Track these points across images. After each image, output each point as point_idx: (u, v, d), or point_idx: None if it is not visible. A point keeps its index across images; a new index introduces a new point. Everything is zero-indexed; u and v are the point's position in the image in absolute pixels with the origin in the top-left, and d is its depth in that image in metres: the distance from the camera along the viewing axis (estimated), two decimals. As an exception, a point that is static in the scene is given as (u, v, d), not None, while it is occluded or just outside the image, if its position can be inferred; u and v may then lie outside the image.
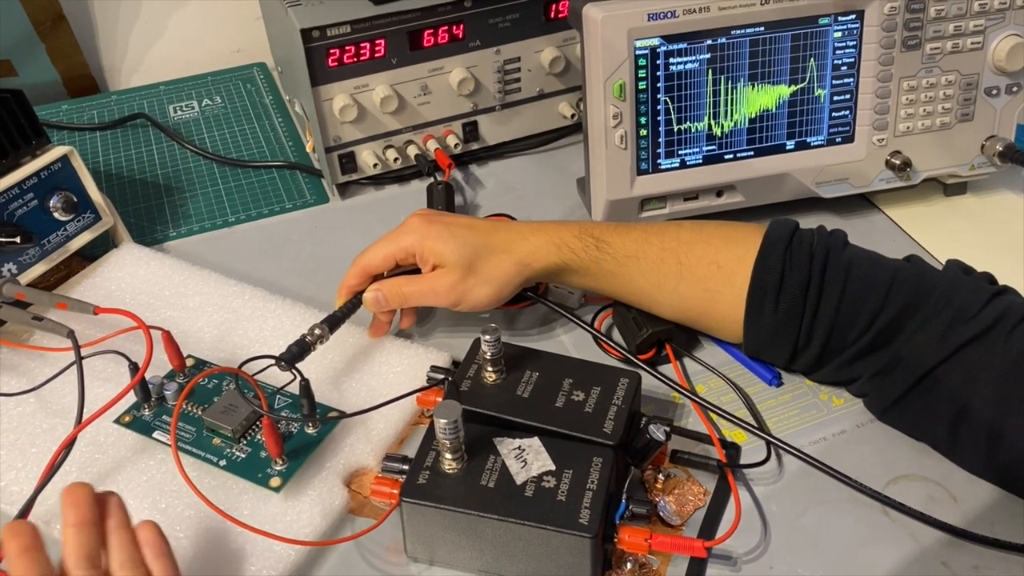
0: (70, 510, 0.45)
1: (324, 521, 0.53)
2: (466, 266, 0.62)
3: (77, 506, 0.45)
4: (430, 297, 0.64)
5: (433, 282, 0.63)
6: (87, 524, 0.45)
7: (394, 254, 0.64)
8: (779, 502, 0.56)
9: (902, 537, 0.54)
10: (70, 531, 0.44)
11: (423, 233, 0.63)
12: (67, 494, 0.45)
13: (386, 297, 0.63)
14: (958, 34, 0.70)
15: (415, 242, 0.63)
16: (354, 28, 0.75)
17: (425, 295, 0.64)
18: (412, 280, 0.64)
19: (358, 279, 0.64)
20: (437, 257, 0.62)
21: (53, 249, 0.69)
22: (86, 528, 0.44)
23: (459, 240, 0.62)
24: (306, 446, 0.56)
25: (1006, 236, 0.75)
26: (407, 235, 0.63)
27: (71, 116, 0.97)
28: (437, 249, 0.62)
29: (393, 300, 0.64)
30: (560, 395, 0.56)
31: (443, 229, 0.63)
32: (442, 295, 0.63)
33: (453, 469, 0.51)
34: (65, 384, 0.60)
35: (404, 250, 0.63)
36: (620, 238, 0.63)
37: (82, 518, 0.45)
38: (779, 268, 0.59)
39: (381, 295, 0.63)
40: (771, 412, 0.62)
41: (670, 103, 0.70)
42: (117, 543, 0.45)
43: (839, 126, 0.73)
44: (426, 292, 0.63)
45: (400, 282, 0.64)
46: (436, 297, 0.63)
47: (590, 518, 0.48)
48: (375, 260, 0.64)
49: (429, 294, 0.63)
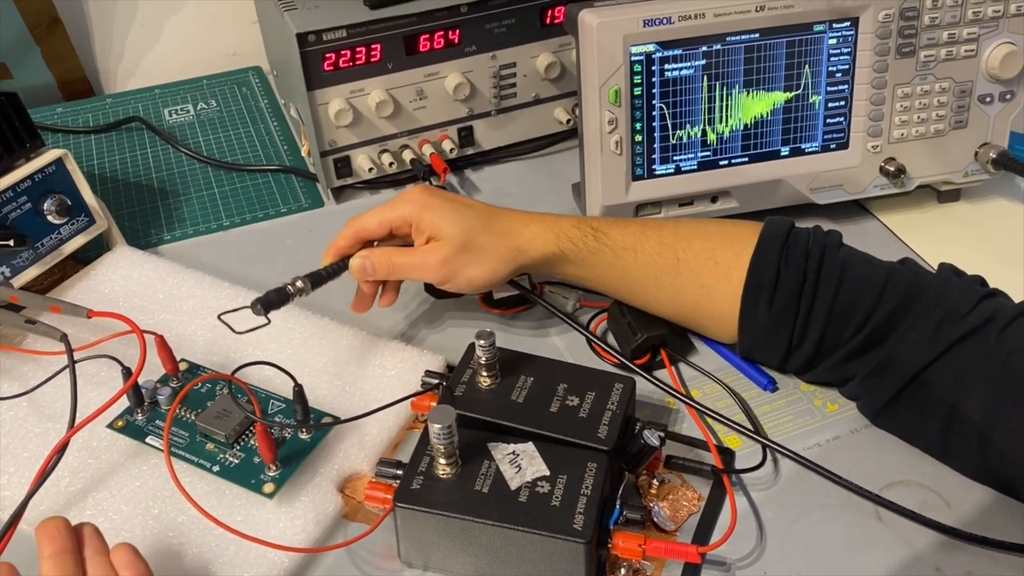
0: (46, 542, 0.45)
1: (317, 527, 0.53)
2: (462, 243, 0.61)
3: (53, 538, 0.45)
4: (420, 270, 0.62)
5: (425, 255, 0.61)
6: (64, 553, 0.45)
7: (390, 221, 0.62)
8: (773, 507, 0.56)
9: (896, 542, 0.54)
10: (47, 562, 0.44)
11: (423, 204, 0.62)
12: (42, 528, 0.45)
13: (374, 265, 0.62)
14: (952, 42, 0.71)
15: (413, 212, 0.61)
16: (350, 32, 0.75)
17: (416, 267, 0.62)
18: (404, 251, 0.62)
19: (348, 241, 0.63)
20: (434, 229, 0.61)
21: (47, 252, 0.69)
22: (63, 557, 0.44)
23: (458, 216, 0.61)
24: (299, 452, 0.56)
25: (1000, 243, 0.75)
26: (406, 204, 0.62)
27: (65, 119, 0.97)
28: (435, 221, 0.61)
29: (381, 269, 0.62)
30: (555, 400, 0.56)
31: (443, 203, 0.62)
32: (433, 269, 0.61)
33: (447, 474, 0.51)
34: (58, 388, 0.59)
35: (401, 218, 0.62)
36: (619, 230, 0.63)
37: (59, 548, 0.45)
38: (775, 266, 0.59)
39: (369, 263, 0.62)
40: (766, 417, 0.62)
41: (665, 109, 0.70)
42: (95, 569, 0.45)
43: (834, 132, 0.73)
44: (417, 264, 0.62)
45: (391, 252, 0.62)
46: (426, 270, 0.62)
47: (584, 523, 0.48)
48: (370, 225, 0.62)
49: (420, 266, 0.62)
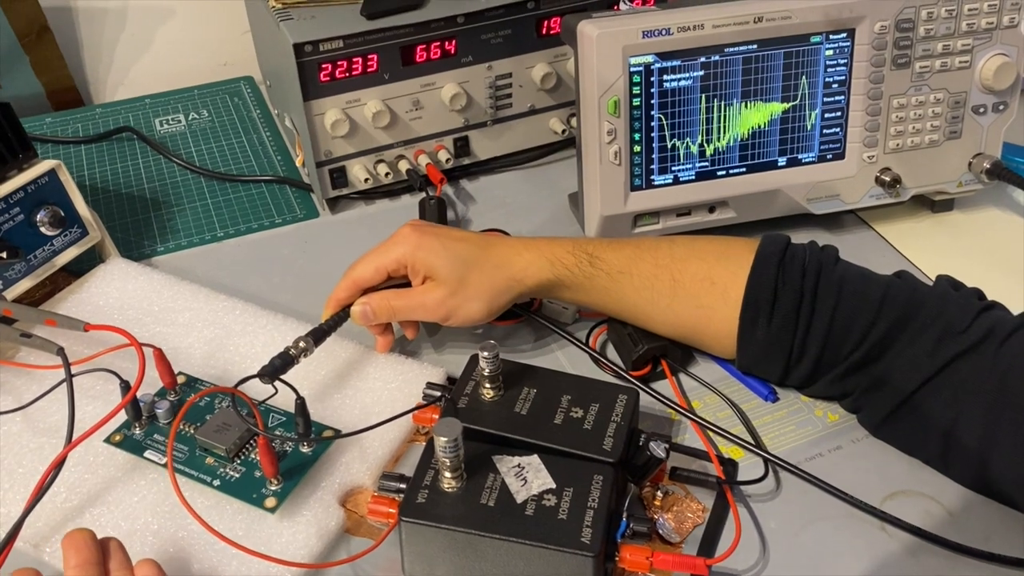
0: (72, 552, 0.45)
1: (320, 542, 0.53)
2: (457, 280, 0.61)
3: (79, 549, 0.46)
4: (419, 311, 0.63)
5: (423, 296, 0.62)
6: (90, 564, 0.45)
7: (385, 266, 0.63)
8: (777, 519, 0.56)
9: (900, 553, 0.54)
10: (73, 572, 0.45)
11: (415, 244, 0.62)
12: (68, 539, 0.46)
13: (374, 311, 0.62)
14: (946, 53, 0.71)
15: (406, 253, 0.62)
16: (347, 43, 0.75)
17: (414, 309, 0.63)
18: (401, 294, 0.63)
19: (347, 292, 0.63)
20: (428, 269, 0.62)
21: (39, 264, 0.68)
22: (89, 568, 0.45)
23: (451, 253, 0.61)
24: (301, 465, 0.55)
25: (994, 252, 0.75)
26: (398, 246, 0.62)
27: (55, 129, 0.96)
28: (428, 261, 0.61)
29: (382, 314, 0.63)
30: (559, 412, 0.56)
31: (435, 241, 0.62)
32: (431, 309, 0.62)
33: (452, 488, 0.50)
34: (52, 402, 0.59)
35: (395, 261, 0.62)
36: (613, 254, 0.63)
37: (85, 559, 0.45)
38: (772, 284, 0.59)
39: (369, 308, 0.62)
40: (767, 428, 0.62)
41: (664, 120, 0.71)
42: None
43: (830, 143, 0.74)
44: (415, 306, 0.62)
45: (389, 295, 0.63)
46: (425, 311, 0.62)
47: (592, 536, 0.48)
48: (366, 273, 0.63)
49: (418, 308, 0.62)
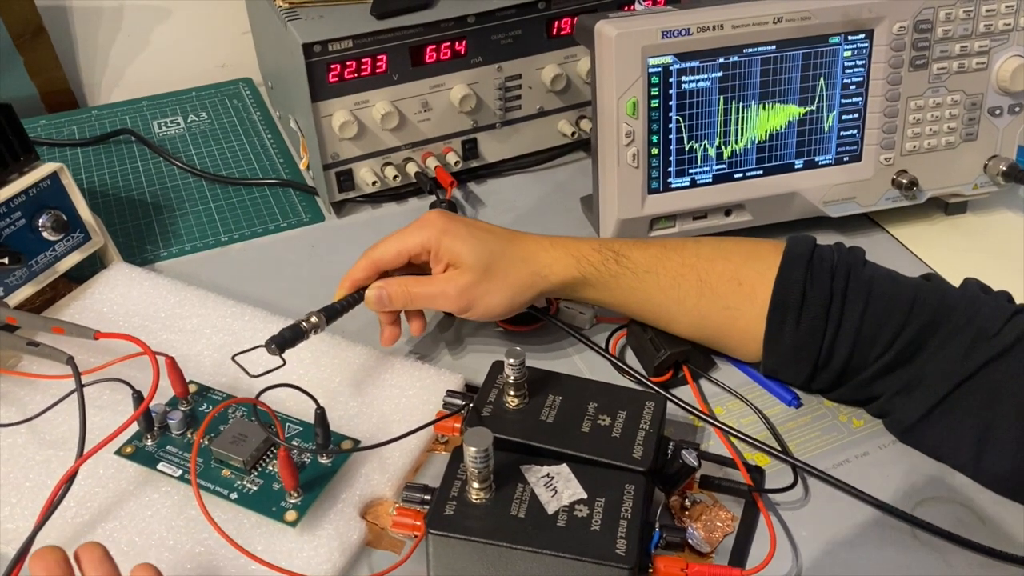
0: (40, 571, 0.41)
1: (343, 556, 0.51)
2: (482, 269, 0.59)
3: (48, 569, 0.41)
4: (439, 300, 0.60)
5: (445, 284, 0.60)
6: None
7: (408, 248, 0.60)
8: (808, 526, 0.55)
9: (933, 560, 0.53)
10: None
11: (442, 228, 0.60)
12: (37, 557, 0.41)
13: (391, 296, 0.60)
14: (964, 54, 0.71)
15: (433, 236, 0.60)
16: (356, 43, 0.74)
17: (434, 297, 0.60)
18: (421, 280, 0.61)
19: (365, 272, 0.61)
20: (453, 256, 0.59)
21: (41, 270, 0.66)
22: None
23: (478, 241, 0.59)
24: (320, 477, 0.54)
25: (1007, 254, 0.75)
26: (424, 229, 0.60)
27: (49, 131, 0.94)
28: (455, 248, 0.59)
29: (398, 300, 0.60)
30: (586, 420, 0.55)
31: (463, 228, 0.60)
32: (452, 298, 0.60)
33: (481, 499, 0.49)
34: (58, 413, 0.57)
35: (421, 244, 0.60)
36: (640, 252, 0.62)
37: None
38: (800, 285, 0.58)
39: (386, 293, 0.60)
40: (792, 434, 0.61)
41: (682, 121, 0.70)
42: None
43: (847, 145, 0.73)
44: (436, 294, 0.60)
45: (408, 281, 0.60)
46: (446, 300, 0.60)
47: (627, 548, 0.47)
48: (387, 254, 0.61)
49: (439, 296, 0.60)
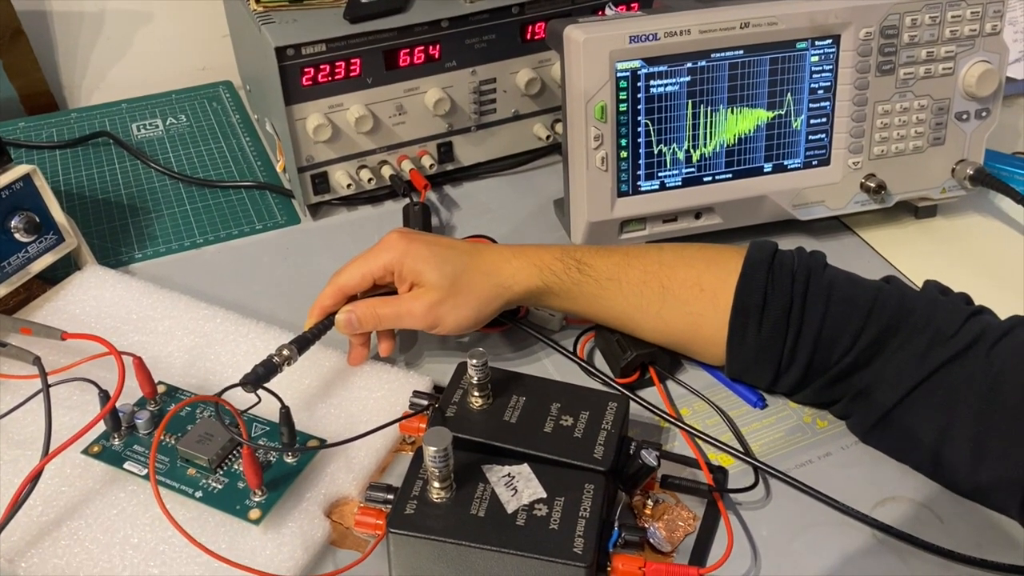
0: None
1: (306, 554, 0.51)
2: (446, 287, 0.60)
3: None
4: (406, 319, 0.62)
5: (410, 303, 0.61)
6: None
7: (372, 272, 0.62)
8: (768, 526, 0.55)
9: (891, 560, 0.53)
10: None
11: (403, 250, 0.61)
12: None
13: (360, 318, 0.61)
14: (930, 60, 0.72)
15: (394, 259, 0.61)
16: (329, 47, 0.74)
17: (401, 317, 0.62)
18: (388, 301, 0.62)
19: (333, 299, 0.62)
20: (416, 276, 0.61)
21: (13, 272, 0.66)
22: None
23: (439, 260, 0.61)
24: (285, 476, 0.54)
25: (977, 257, 0.76)
26: (386, 252, 0.61)
27: (28, 134, 0.94)
28: (417, 268, 0.60)
29: (367, 322, 0.61)
30: (548, 420, 0.55)
31: (423, 248, 0.61)
32: (419, 317, 0.61)
33: (442, 498, 0.49)
34: (27, 413, 0.57)
35: (383, 268, 0.61)
36: (602, 261, 0.62)
37: None
38: (762, 290, 0.59)
39: (355, 316, 0.61)
40: (756, 435, 0.61)
41: (650, 125, 0.70)
42: None
43: (815, 149, 0.74)
44: (403, 314, 0.61)
45: (375, 303, 0.62)
46: (413, 319, 0.61)
47: (584, 546, 0.47)
48: (352, 279, 0.62)
49: (406, 316, 0.61)
